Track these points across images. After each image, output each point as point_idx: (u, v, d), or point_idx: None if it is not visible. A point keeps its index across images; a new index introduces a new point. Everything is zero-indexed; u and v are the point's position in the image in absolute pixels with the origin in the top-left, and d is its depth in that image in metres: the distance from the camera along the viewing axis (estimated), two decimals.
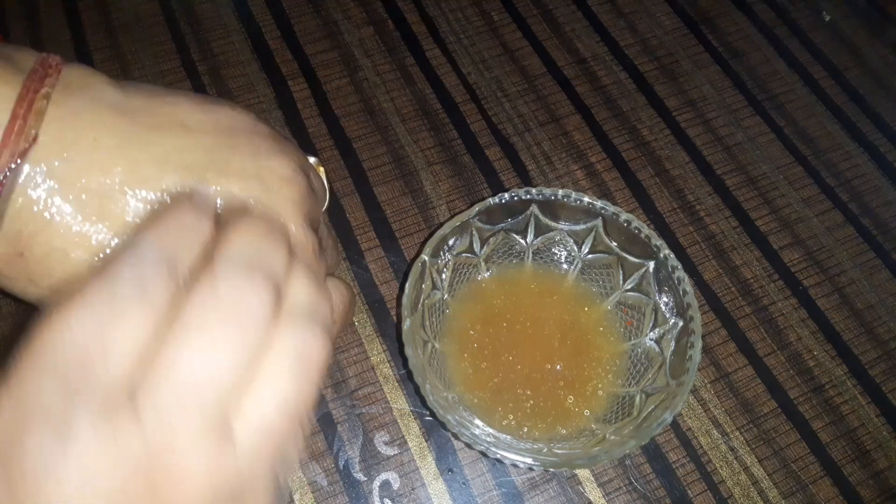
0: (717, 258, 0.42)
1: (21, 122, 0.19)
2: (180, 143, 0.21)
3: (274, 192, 0.23)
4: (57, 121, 0.19)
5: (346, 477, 0.34)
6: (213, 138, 0.22)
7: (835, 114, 0.48)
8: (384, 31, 0.49)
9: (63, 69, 0.21)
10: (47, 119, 0.19)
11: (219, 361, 0.15)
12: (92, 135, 0.20)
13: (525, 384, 0.34)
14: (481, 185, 0.43)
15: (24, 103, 0.19)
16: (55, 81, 0.20)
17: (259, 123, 0.25)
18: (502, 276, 0.37)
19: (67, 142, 0.19)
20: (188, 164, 0.21)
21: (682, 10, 0.52)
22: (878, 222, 0.44)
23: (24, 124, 0.19)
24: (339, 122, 0.45)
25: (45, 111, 0.19)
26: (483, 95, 0.47)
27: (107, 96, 0.21)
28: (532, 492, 0.34)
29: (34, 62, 0.20)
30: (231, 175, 0.22)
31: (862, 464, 0.36)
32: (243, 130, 0.23)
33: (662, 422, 0.29)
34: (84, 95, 0.20)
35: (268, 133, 0.24)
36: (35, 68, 0.20)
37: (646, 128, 0.46)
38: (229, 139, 0.23)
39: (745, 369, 0.38)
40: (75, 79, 0.21)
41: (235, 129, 0.23)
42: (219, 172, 0.22)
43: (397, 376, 0.37)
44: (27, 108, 0.19)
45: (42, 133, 0.19)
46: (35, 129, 0.19)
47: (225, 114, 0.23)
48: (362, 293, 0.39)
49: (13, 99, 0.19)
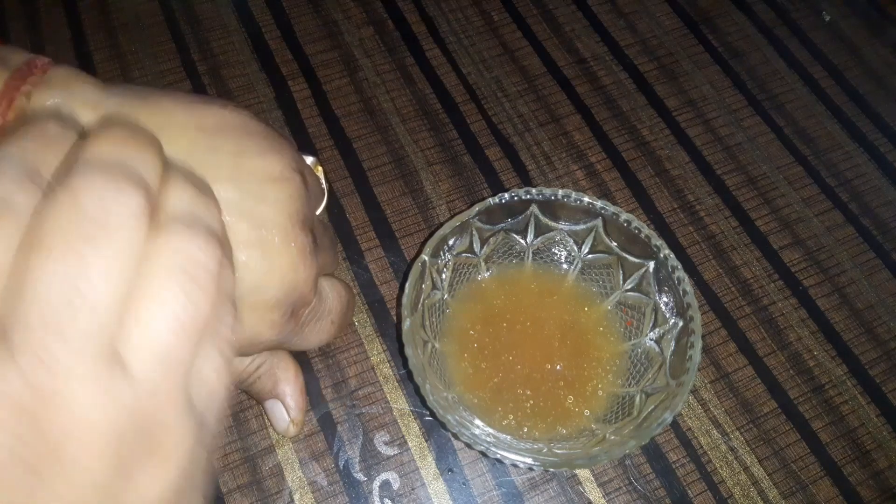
0: (717, 258, 0.42)
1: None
2: None
3: (255, 194, 0.22)
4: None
5: (346, 477, 0.34)
6: (191, 139, 0.22)
7: (835, 114, 0.48)
8: (384, 31, 0.49)
9: (49, 70, 0.21)
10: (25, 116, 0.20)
11: (90, 279, 0.14)
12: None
13: (525, 384, 0.34)
14: (481, 185, 0.43)
15: (3, 100, 0.19)
16: (38, 80, 0.20)
17: (251, 122, 0.24)
18: (502, 276, 0.37)
19: None
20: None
21: (682, 10, 0.52)
22: (878, 222, 0.44)
23: (2, 121, 0.19)
24: (339, 122, 0.45)
25: (25, 108, 0.20)
26: (483, 95, 0.47)
27: (85, 95, 0.21)
28: (532, 492, 0.34)
29: (21, 62, 0.21)
30: (206, 177, 0.21)
31: (862, 464, 0.36)
32: (232, 129, 0.23)
33: (662, 422, 0.29)
34: (62, 94, 0.21)
35: (259, 131, 0.24)
36: (20, 67, 0.20)
37: (646, 128, 0.46)
38: (211, 139, 0.22)
39: (745, 369, 0.38)
40: (58, 79, 0.21)
41: (222, 129, 0.23)
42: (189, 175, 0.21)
43: (397, 376, 0.37)
44: (7, 105, 0.19)
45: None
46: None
47: (212, 113, 0.23)
48: (362, 293, 0.39)
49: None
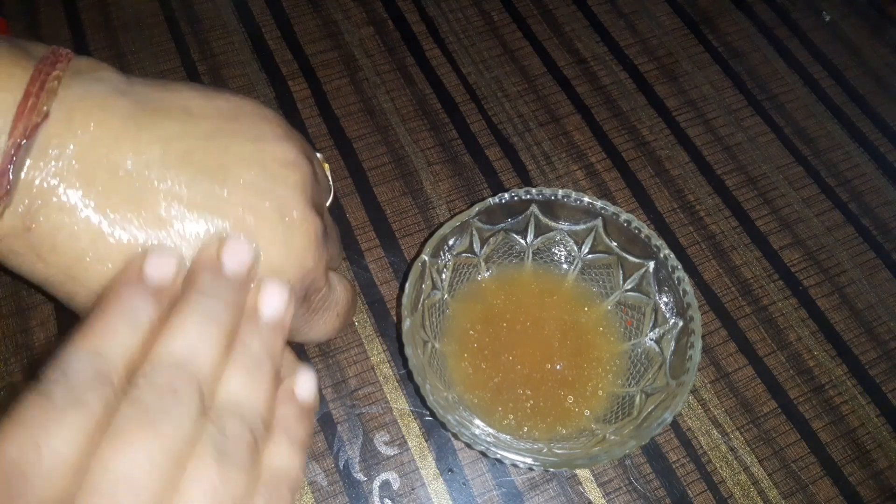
0: (717, 258, 0.42)
1: (34, 100, 0.20)
2: (180, 127, 0.22)
3: (275, 176, 0.23)
4: (66, 100, 0.20)
5: (346, 477, 0.34)
6: (214, 123, 0.23)
7: (835, 114, 0.48)
8: (384, 31, 0.49)
9: (73, 59, 0.22)
10: (58, 98, 0.20)
11: (142, 466, 0.16)
12: (99, 114, 0.21)
13: (525, 384, 0.34)
14: (481, 185, 0.43)
15: (36, 83, 0.20)
16: (66, 67, 0.21)
17: (262, 108, 0.25)
18: (502, 276, 0.37)
19: (75, 120, 0.20)
20: (186, 148, 0.22)
21: (682, 10, 0.52)
22: (878, 222, 0.44)
23: (36, 101, 0.20)
24: (339, 122, 0.45)
25: (56, 91, 0.20)
26: (483, 95, 0.47)
27: (113, 82, 0.22)
28: (532, 492, 0.34)
29: (47, 52, 0.21)
30: (230, 160, 0.22)
31: (862, 464, 0.36)
32: (248, 115, 0.24)
33: (662, 422, 0.29)
34: (92, 79, 0.22)
35: (273, 118, 0.25)
36: (47, 55, 0.21)
37: (646, 128, 0.46)
38: (231, 124, 0.23)
39: (745, 369, 0.38)
40: (84, 66, 0.22)
41: (239, 114, 0.24)
42: (217, 157, 0.22)
43: (397, 376, 0.37)
44: (39, 87, 0.20)
45: (53, 110, 0.20)
46: (46, 106, 0.20)
47: (226, 100, 0.24)
48: (362, 293, 0.39)
49: (26, 80, 0.20)
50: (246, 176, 0.22)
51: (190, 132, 0.22)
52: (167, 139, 0.22)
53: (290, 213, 0.23)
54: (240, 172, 0.22)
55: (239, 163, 0.22)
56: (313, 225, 0.24)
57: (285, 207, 0.23)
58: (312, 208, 0.24)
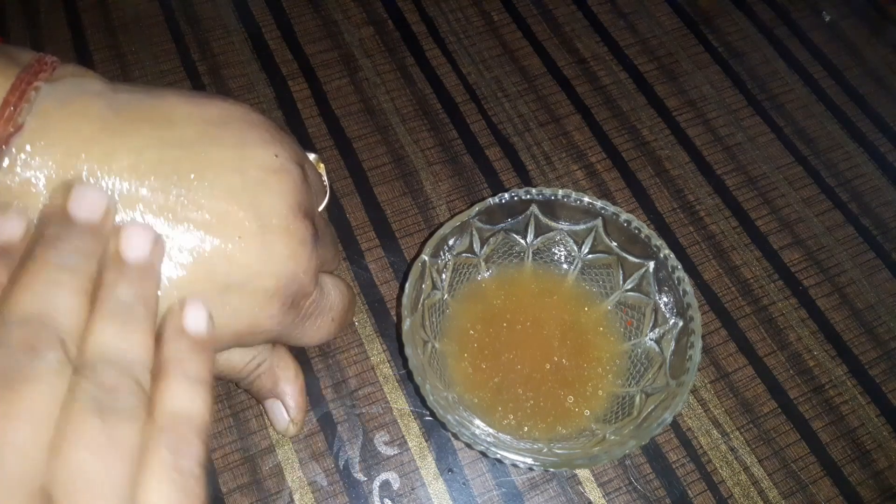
0: (717, 258, 0.42)
1: (11, 110, 0.20)
2: (159, 133, 0.22)
3: (256, 181, 0.23)
4: (43, 110, 0.20)
5: (346, 477, 0.34)
6: (197, 129, 0.23)
7: (835, 114, 0.48)
8: (384, 31, 0.49)
9: (58, 67, 0.22)
10: (35, 107, 0.20)
11: (13, 435, 0.16)
12: (75, 123, 0.21)
13: (525, 384, 0.34)
14: (481, 185, 0.43)
15: (16, 92, 0.20)
16: (49, 76, 0.21)
17: (253, 114, 0.25)
18: (502, 276, 0.37)
19: (49, 129, 0.20)
20: (160, 156, 0.22)
21: (682, 10, 0.52)
22: (878, 222, 0.44)
23: (13, 112, 0.20)
24: (339, 122, 0.45)
25: (34, 101, 0.20)
26: (483, 95, 0.47)
27: (94, 90, 0.22)
28: (532, 492, 0.34)
29: (32, 59, 0.21)
30: (206, 166, 0.22)
31: (862, 464, 0.36)
32: (236, 120, 0.24)
33: (662, 422, 0.29)
34: (72, 88, 0.21)
35: (261, 123, 0.25)
36: (31, 63, 0.21)
37: (646, 128, 0.46)
38: (216, 130, 0.23)
39: (745, 369, 0.38)
40: (67, 75, 0.22)
41: (228, 120, 0.24)
42: (193, 164, 0.22)
43: (397, 376, 0.37)
44: (19, 97, 0.20)
45: (28, 120, 0.20)
46: (22, 117, 0.20)
47: (215, 105, 0.24)
48: (362, 293, 0.39)
49: (7, 89, 0.20)
50: (222, 182, 0.22)
51: (168, 140, 0.22)
52: (141, 147, 0.21)
53: (269, 219, 0.23)
54: (216, 178, 0.22)
55: (217, 169, 0.22)
56: (297, 231, 0.24)
57: (265, 213, 0.23)
58: (299, 213, 0.24)
